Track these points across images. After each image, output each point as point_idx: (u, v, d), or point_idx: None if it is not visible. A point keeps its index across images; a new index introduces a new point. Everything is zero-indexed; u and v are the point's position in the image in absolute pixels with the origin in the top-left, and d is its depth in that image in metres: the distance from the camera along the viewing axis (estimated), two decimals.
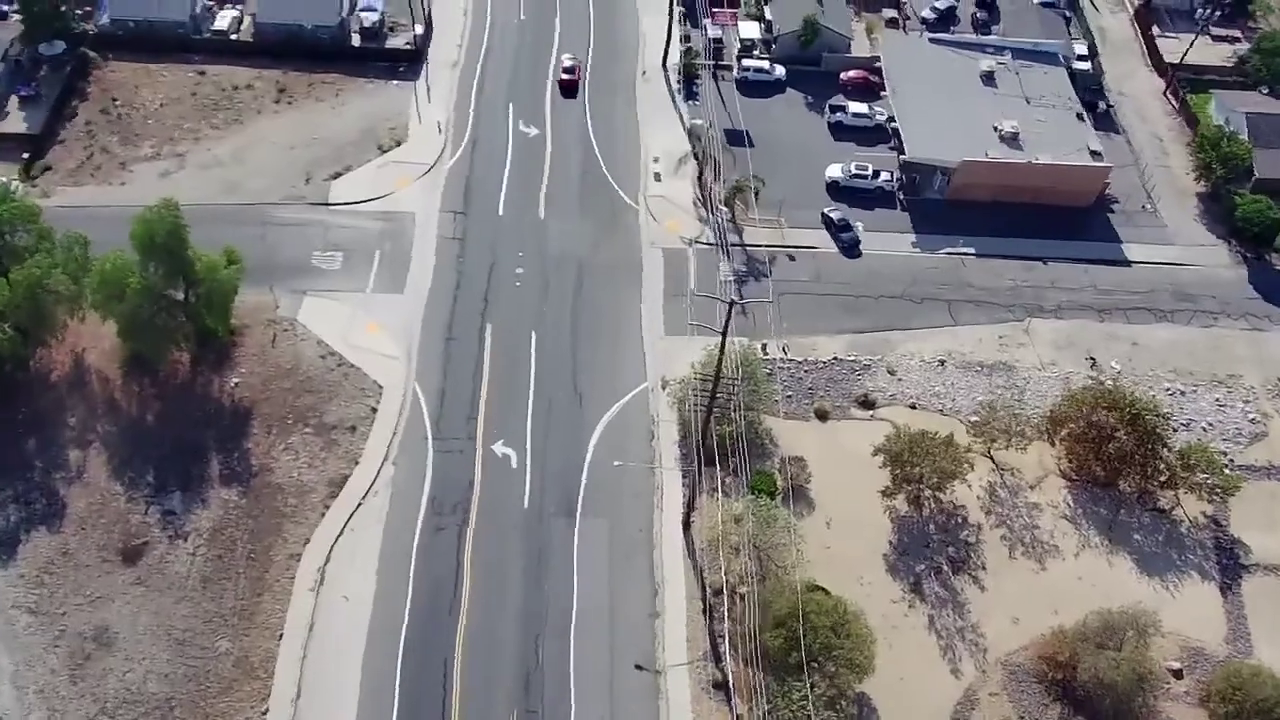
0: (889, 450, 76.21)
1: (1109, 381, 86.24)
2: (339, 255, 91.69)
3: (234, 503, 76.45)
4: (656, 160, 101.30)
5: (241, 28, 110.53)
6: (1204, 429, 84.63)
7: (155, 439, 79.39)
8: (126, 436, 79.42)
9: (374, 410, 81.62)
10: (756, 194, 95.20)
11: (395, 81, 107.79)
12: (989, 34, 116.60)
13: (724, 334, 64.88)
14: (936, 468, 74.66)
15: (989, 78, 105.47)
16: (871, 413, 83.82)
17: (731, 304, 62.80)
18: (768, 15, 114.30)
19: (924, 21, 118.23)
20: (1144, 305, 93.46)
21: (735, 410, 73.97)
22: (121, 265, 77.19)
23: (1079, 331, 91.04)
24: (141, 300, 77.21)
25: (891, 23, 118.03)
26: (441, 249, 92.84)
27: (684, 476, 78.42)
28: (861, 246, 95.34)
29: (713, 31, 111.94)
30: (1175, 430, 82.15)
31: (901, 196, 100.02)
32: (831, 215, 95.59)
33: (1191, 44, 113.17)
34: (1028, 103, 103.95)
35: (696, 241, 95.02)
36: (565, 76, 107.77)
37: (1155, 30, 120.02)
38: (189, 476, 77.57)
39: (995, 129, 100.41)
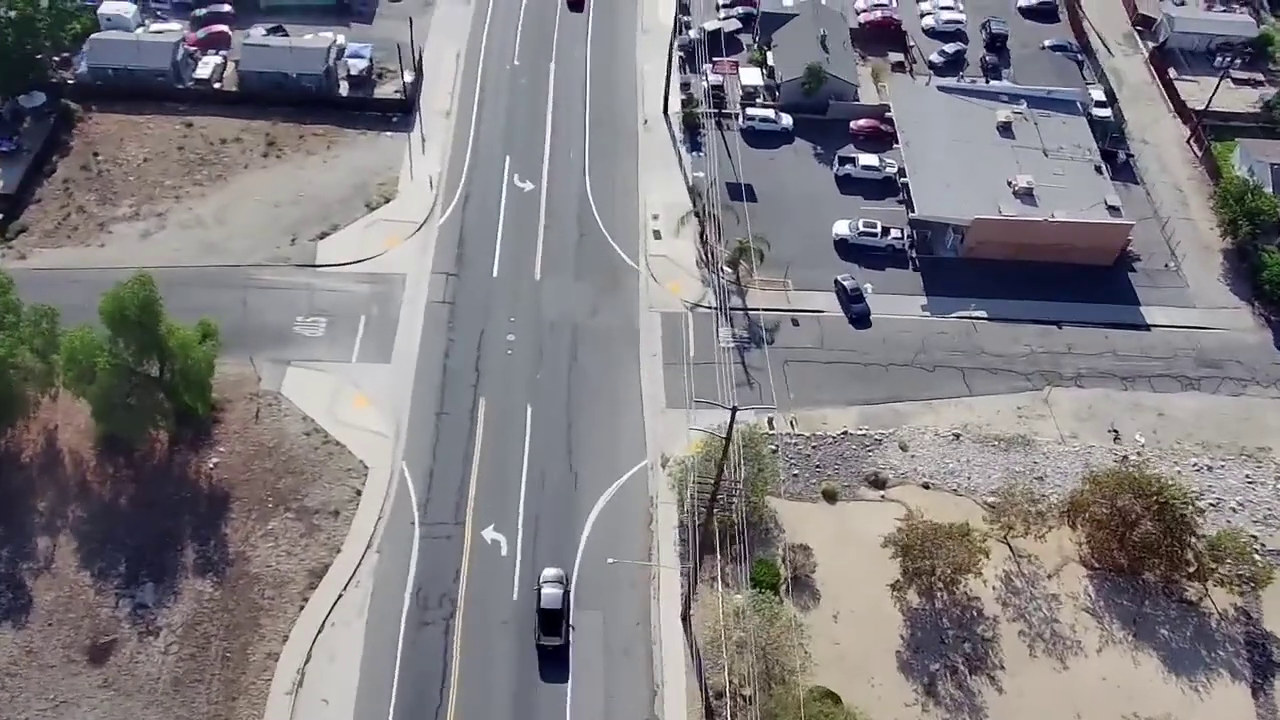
0: (900, 543, 72.02)
1: (1133, 455, 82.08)
2: (323, 321, 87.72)
3: (208, 595, 72.42)
4: (656, 217, 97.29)
5: (225, 75, 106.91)
6: (1233, 509, 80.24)
7: (129, 524, 75.38)
8: (99, 522, 75.47)
9: (358, 493, 77.51)
10: (761, 256, 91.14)
11: (388, 133, 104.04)
12: (999, 78, 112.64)
13: (726, 441, 60.73)
14: (950, 561, 70.45)
15: (1006, 129, 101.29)
16: (882, 493, 79.59)
17: (734, 410, 58.66)
18: (770, 61, 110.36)
19: (932, 66, 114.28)
20: (1168, 372, 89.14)
21: (738, 497, 69.78)
22: (89, 343, 73.24)
23: (1101, 401, 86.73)
24: (113, 380, 73.38)
25: (898, 67, 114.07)
26: (431, 314, 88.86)
27: (683, 563, 74.24)
28: (872, 314, 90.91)
29: (713, 78, 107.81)
30: (1203, 510, 77.88)
31: (913, 255, 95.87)
32: (845, 284, 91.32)
33: (1216, 90, 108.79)
34: (1045, 155, 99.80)
35: (698, 305, 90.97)
36: None
37: (1172, 73, 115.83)
38: (162, 566, 73.57)
39: (1009, 184, 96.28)
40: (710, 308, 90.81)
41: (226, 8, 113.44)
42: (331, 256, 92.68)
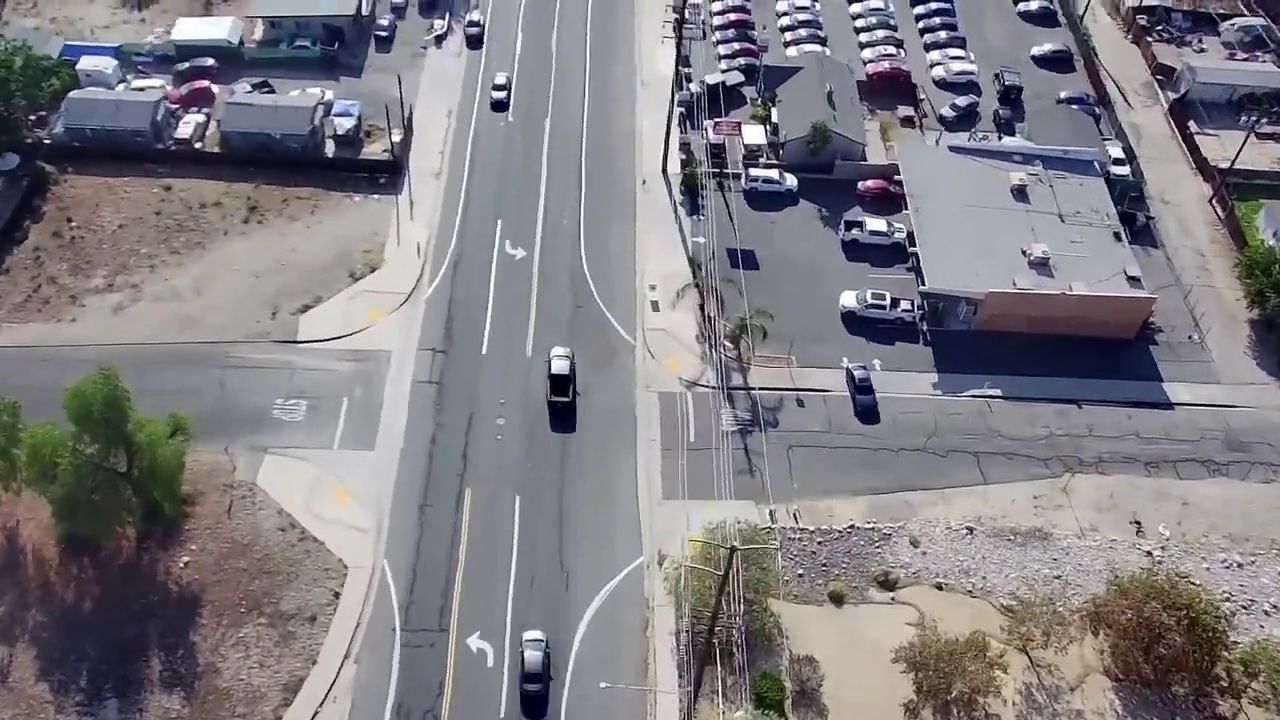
0: (912, 659, 67.40)
1: (1158, 550, 77.49)
2: (303, 404, 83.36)
3: (176, 712, 67.92)
4: (654, 288, 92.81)
5: (207, 135, 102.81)
6: (1266, 612, 75.49)
7: (92, 631, 70.93)
8: (60, 629, 71.04)
9: (336, 595, 73.02)
10: (763, 333, 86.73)
11: (375, 195, 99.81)
12: (1012, 134, 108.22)
13: (723, 580, 56.25)
14: (968, 682, 65.83)
15: (1021, 192, 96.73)
16: (893, 595, 74.92)
17: (733, 550, 54.16)
18: (774, 117, 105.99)
19: (942, 120, 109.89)
20: (1193, 456, 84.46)
21: (737, 623, 65.29)
22: (52, 439, 69.13)
23: (1123, 489, 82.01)
24: (76, 479, 69.11)
25: (908, 121, 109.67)
26: (417, 395, 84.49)
27: (680, 680, 69.63)
28: (880, 392, 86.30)
29: (714, 137, 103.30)
30: (1234, 614, 73.22)
31: (923, 328, 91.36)
32: (855, 372, 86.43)
33: (1241, 148, 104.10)
34: (1062, 220, 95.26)
35: (696, 383, 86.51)
36: None
37: (1192, 126, 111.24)
38: (127, 679, 69.02)
39: (1024, 253, 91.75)
40: (710, 387, 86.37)
41: (210, 62, 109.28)
42: (314, 332, 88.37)
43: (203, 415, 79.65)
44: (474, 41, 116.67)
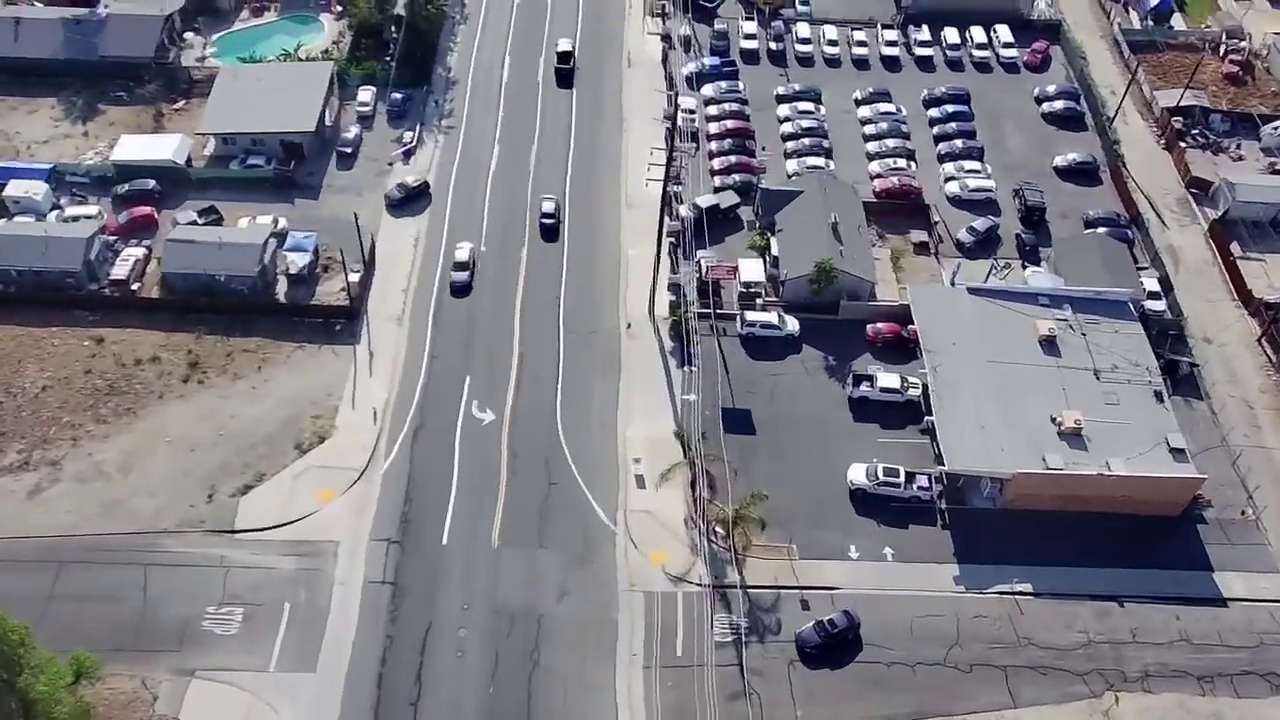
0: None
1: None
2: (238, 613, 73.24)
3: None
4: (638, 460, 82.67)
5: (146, 274, 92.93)
6: None
7: None
8: None
9: None
10: (762, 525, 76.65)
11: (329, 346, 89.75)
12: (1036, 262, 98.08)
13: None
14: None
15: (1050, 344, 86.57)
16: None
17: None
18: (773, 248, 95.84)
19: (959, 245, 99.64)
20: (1252, 668, 74.01)
21: None
22: None
23: (1174, 713, 71.54)
24: None
25: (921, 248, 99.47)
26: (368, 600, 74.33)
27: None
28: (894, 589, 76.19)
29: (710, 273, 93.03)
30: None
31: (942, 507, 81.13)
32: (835, 624, 74.07)
33: None
34: (1096, 377, 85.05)
35: (684, 579, 76.35)
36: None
37: (1235, 250, 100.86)
38: None
39: (1055, 421, 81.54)
40: (700, 584, 76.13)
41: (152, 184, 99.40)
42: (254, 518, 78.34)
43: (123, 630, 71.24)
44: (444, 160, 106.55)
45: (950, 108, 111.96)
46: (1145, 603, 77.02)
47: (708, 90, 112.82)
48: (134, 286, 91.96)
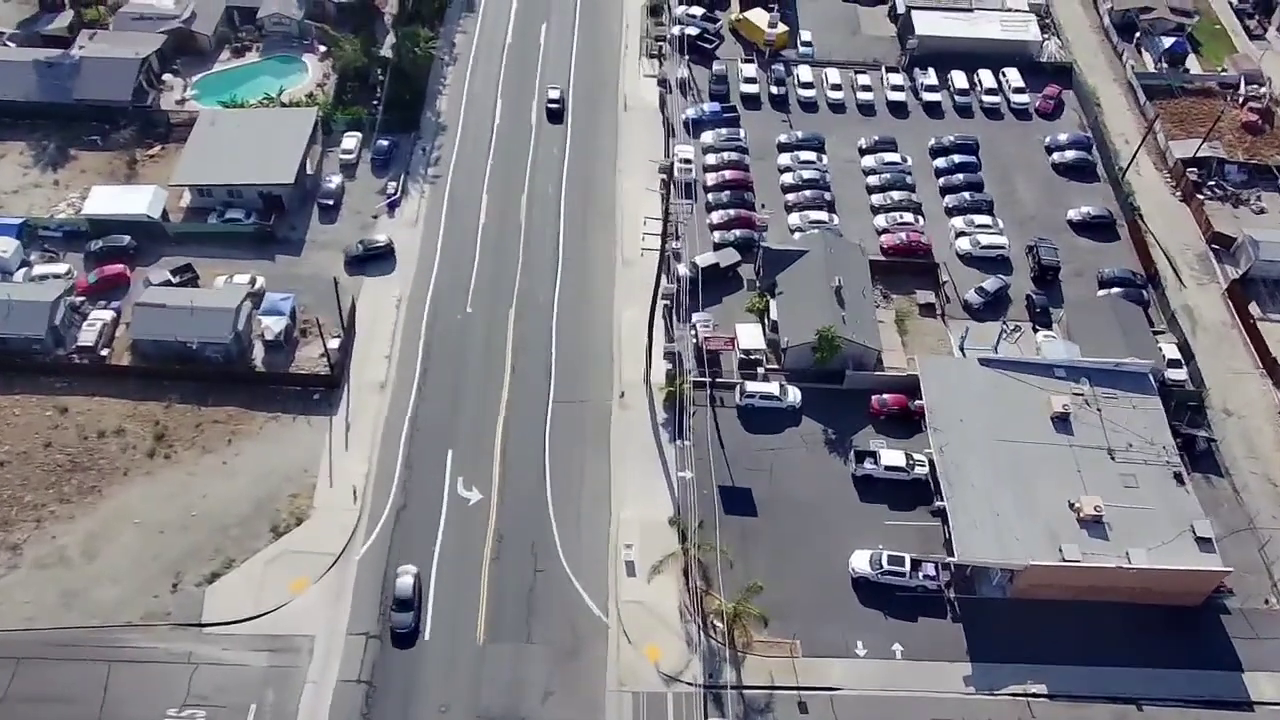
0: None
1: None
2: (201, 716, 68.84)
3: None
4: (629, 546, 78.23)
5: (116, 338, 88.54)
6: None
7: None
8: None
9: None
10: (765, 622, 72.32)
11: (307, 417, 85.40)
12: (1047, 324, 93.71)
13: None
14: None
15: (1063, 421, 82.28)
16: None
17: None
18: (773, 312, 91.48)
19: (967, 306, 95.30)
20: None
21: None
22: None
23: None
24: None
25: (928, 309, 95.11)
26: (340, 701, 69.99)
27: None
28: (903, 691, 71.78)
29: (707, 345, 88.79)
30: None
31: (951, 596, 76.79)
32: None
33: None
34: (1112, 457, 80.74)
35: (678, 679, 71.98)
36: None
37: (1255, 311, 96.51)
38: None
39: (1072, 508, 77.23)
40: (695, 685, 71.72)
41: (127, 239, 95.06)
42: (221, 610, 74.04)
43: None
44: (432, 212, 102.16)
45: (958, 158, 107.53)
46: (1165, 705, 72.74)
47: (707, 138, 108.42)
48: (103, 352, 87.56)
